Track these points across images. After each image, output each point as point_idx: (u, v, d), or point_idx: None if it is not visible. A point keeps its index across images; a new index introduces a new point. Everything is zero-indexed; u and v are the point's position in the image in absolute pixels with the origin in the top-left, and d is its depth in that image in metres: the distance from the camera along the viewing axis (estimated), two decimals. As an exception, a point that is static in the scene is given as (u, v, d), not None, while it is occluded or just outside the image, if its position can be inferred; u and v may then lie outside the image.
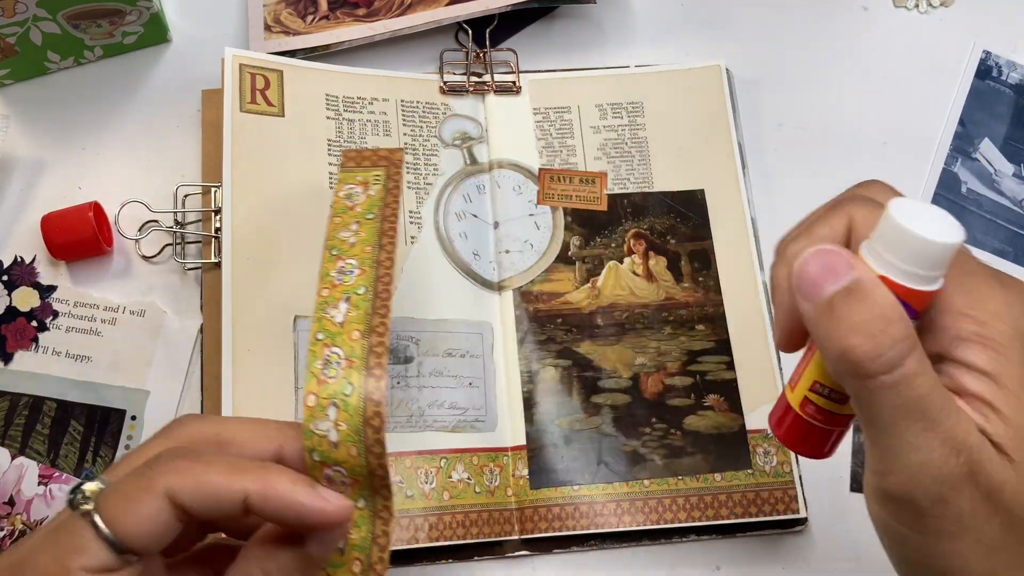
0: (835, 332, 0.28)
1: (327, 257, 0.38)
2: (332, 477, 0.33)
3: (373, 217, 0.39)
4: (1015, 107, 0.67)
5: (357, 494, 0.34)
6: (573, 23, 0.67)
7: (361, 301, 0.35)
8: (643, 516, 0.54)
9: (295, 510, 0.30)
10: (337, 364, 0.33)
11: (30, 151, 0.60)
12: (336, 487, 0.33)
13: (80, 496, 0.29)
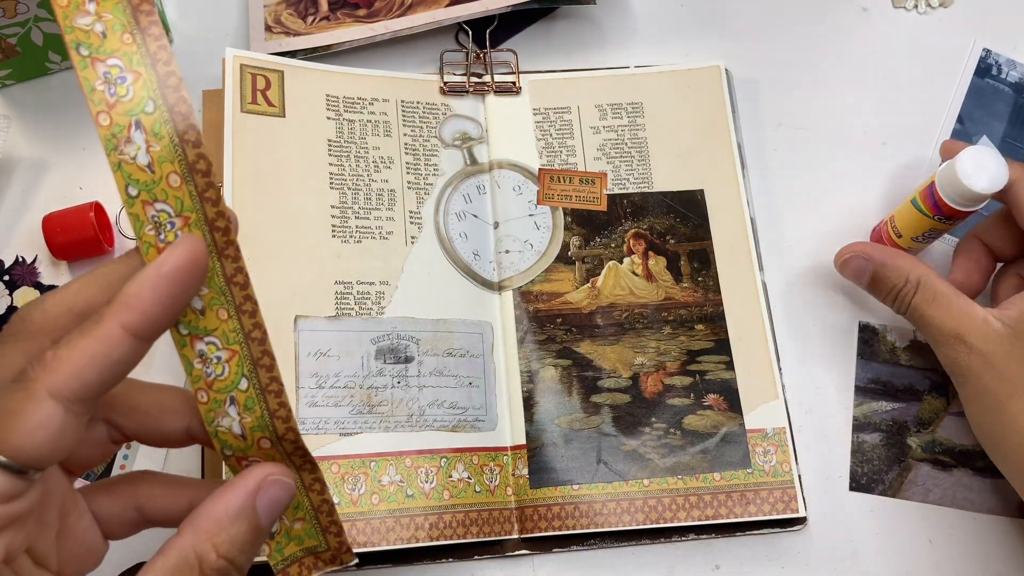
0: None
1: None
2: (159, 220, 0.29)
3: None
4: (1014, 105, 0.67)
5: (236, 371, 0.31)
6: (573, 23, 0.67)
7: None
8: (643, 515, 0.54)
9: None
10: (120, 80, 0.29)
11: (31, 151, 0.61)
12: (165, 231, 0.29)
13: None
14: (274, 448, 0.32)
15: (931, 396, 0.59)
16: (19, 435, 0.26)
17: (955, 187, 0.52)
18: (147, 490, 0.34)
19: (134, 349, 0.27)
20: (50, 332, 0.29)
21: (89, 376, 0.27)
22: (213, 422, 0.31)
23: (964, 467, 0.58)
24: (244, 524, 0.30)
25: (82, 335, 0.27)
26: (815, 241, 0.63)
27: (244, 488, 0.30)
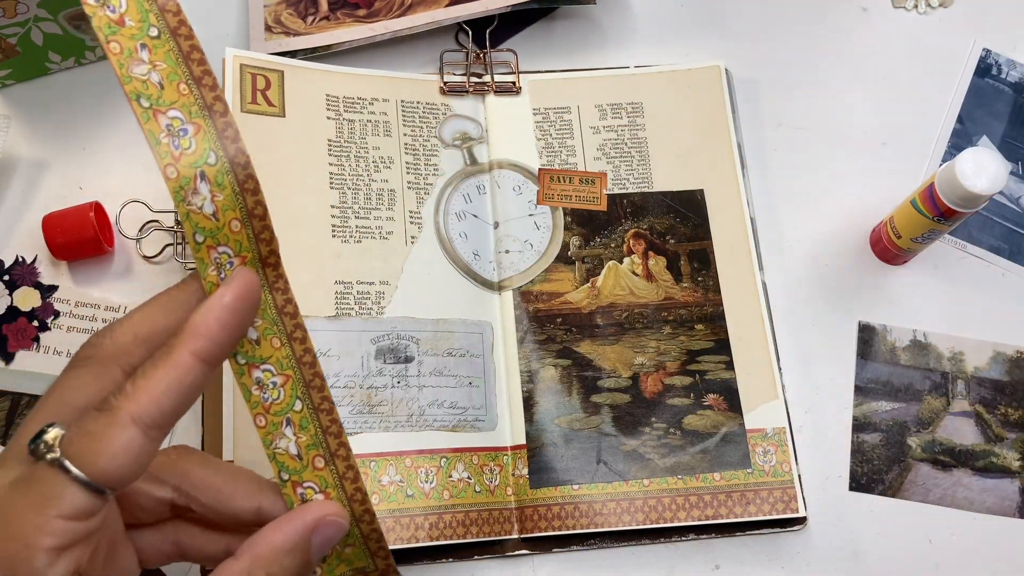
0: None
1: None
2: (220, 261, 0.31)
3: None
4: (1014, 105, 0.67)
5: (288, 387, 0.33)
6: (573, 24, 0.67)
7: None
8: (642, 515, 0.54)
9: None
10: (183, 132, 0.30)
11: (31, 151, 0.61)
12: (225, 270, 0.31)
13: (43, 446, 0.28)
14: (327, 467, 0.34)
15: (931, 396, 0.59)
16: (104, 458, 0.28)
17: (955, 188, 0.52)
18: (190, 531, 0.35)
19: (203, 374, 0.29)
20: (119, 358, 0.31)
21: (166, 403, 0.28)
22: (271, 445, 0.33)
23: (964, 467, 0.58)
24: (297, 558, 0.32)
25: (156, 365, 0.29)
26: (815, 241, 0.63)
27: (303, 523, 0.32)
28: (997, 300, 0.62)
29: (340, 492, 0.34)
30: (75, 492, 0.28)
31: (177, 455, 0.35)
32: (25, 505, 0.28)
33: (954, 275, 0.63)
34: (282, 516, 0.33)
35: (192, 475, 0.34)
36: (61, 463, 0.28)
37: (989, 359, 0.61)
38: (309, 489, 0.34)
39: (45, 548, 0.27)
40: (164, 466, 0.34)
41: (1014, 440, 0.59)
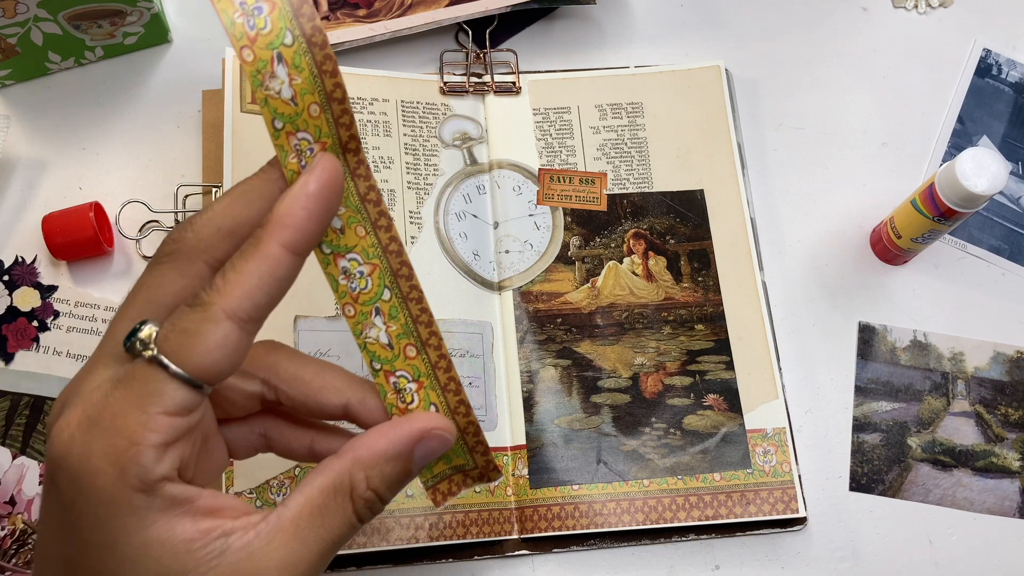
0: None
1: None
2: (300, 148, 0.30)
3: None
4: (1014, 105, 0.67)
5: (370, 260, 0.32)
6: (573, 23, 0.67)
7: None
8: (643, 516, 0.54)
9: None
10: (257, 11, 0.29)
11: (31, 151, 0.60)
12: (306, 157, 0.30)
13: (139, 343, 0.28)
14: (419, 356, 0.34)
15: (931, 396, 0.59)
16: (200, 353, 0.28)
17: (955, 188, 0.52)
18: (276, 423, 0.36)
19: (293, 265, 0.29)
20: (203, 252, 0.31)
21: (259, 296, 0.28)
22: (361, 334, 0.33)
23: (964, 467, 0.58)
24: (398, 466, 0.32)
25: (245, 259, 0.29)
26: (815, 241, 0.63)
27: (408, 433, 0.32)
28: (997, 300, 0.62)
29: (433, 381, 0.34)
30: (175, 388, 0.28)
31: (265, 349, 0.35)
32: (128, 403, 0.28)
33: (954, 275, 0.63)
34: (389, 422, 0.33)
35: (281, 369, 0.34)
36: (159, 360, 0.28)
37: (989, 359, 0.61)
38: (402, 378, 0.34)
39: (152, 444, 0.28)
40: (253, 360, 0.34)
41: (1014, 440, 0.59)
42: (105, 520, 0.28)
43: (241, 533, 0.29)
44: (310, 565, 0.30)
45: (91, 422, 0.28)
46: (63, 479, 0.28)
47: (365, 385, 0.35)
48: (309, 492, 0.31)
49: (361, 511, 0.32)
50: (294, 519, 0.30)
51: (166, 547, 0.28)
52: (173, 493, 0.28)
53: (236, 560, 0.29)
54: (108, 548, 0.28)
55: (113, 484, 0.27)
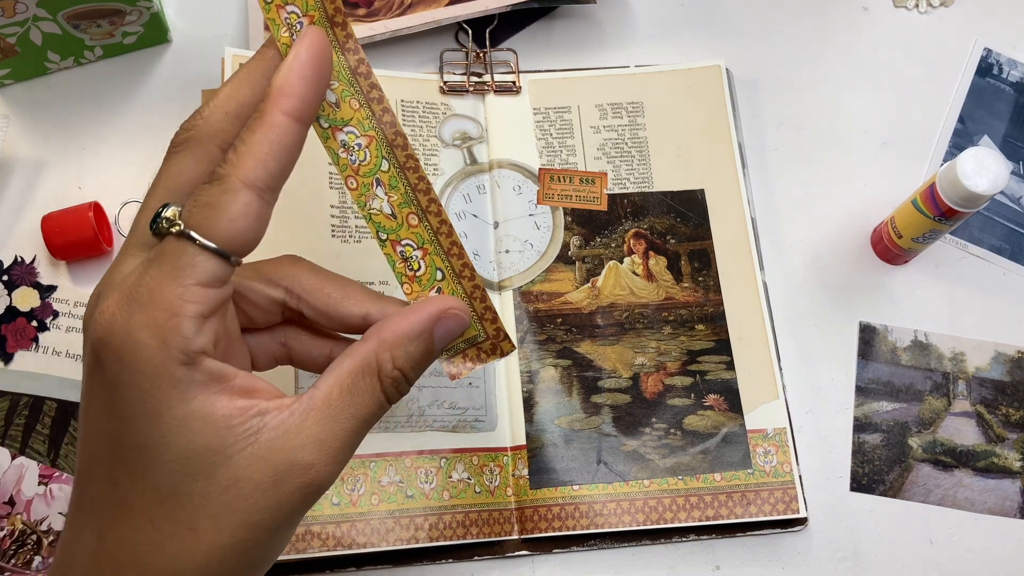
0: None
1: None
2: (290, 21, 0.32)
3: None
4: (1015, 105, 0.67)
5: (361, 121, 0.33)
6: (573, 23, 0.67)
7: None
8: (643, 516, 0.54)
9: None
10: None
11: (30, 151, 0.60)
12: (295, 31, 0.32)
13: (164, 222, 0.29)
14: (421, 224, 0.35)
15: (932, 396, 0.59)
16: (225, 223, 0.29)
17: (956, 188, 0.52)
18: (297, 334, 0.37)
19: (298, 133, 0.30)
20: (214, 137, 0.32)
21: (271, 163, 0.29)
22: (366, 206, 0.34)
23: (965, 467, 0.58)
24: (421, 346, 0.34)
25: (253, 130, 0.30)
26: (816, 241, 0.62)
27: (428, 314, 0.34)
28: (998, 300, 0.62)
29: (437, 247, 0.35)
30: (206, 259, 0.29)
31: (289, 261, 0.36)
32: (163, 277, 0.29)
33: (955, 275, 0.63)
34: (409, 306, 0.35)
35: (304, 279, 0.35)
36: (188, 234, 0.29)
37: (990, 359, 0.61)
38: (407, 247, 0.35)
39: (190, 315, 0.29)
40: (276, 269, 0.35)
41: (1015, 440, 0.59)
42: (148, 393, 0.28)
43: (276, 412, 0.30)
44: (343, 442, 0.31)
45: (129, 300, 0.29)
46: (107, 357, 0.29)
47: (385, 298, 0.36)
48: (338, 374, 0.32)
49: (388, 390, 0.33)
50: (326, 399, 0.31)
51: (206, 421, 0.29)
52: (212, 369, 0.29)
53: (272, 437, 0.30)
54: (150, 421, 0.29)
55: (155, 355, 0.28)
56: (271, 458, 0.30)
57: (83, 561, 0.30)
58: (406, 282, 0.36)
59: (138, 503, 0.29)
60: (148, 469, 0.29)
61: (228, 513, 0.30)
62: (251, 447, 0.30)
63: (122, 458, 0.29)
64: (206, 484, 0.29)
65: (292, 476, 0.30)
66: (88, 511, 0.31)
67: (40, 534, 0.52)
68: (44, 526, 0.53)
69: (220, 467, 0.29)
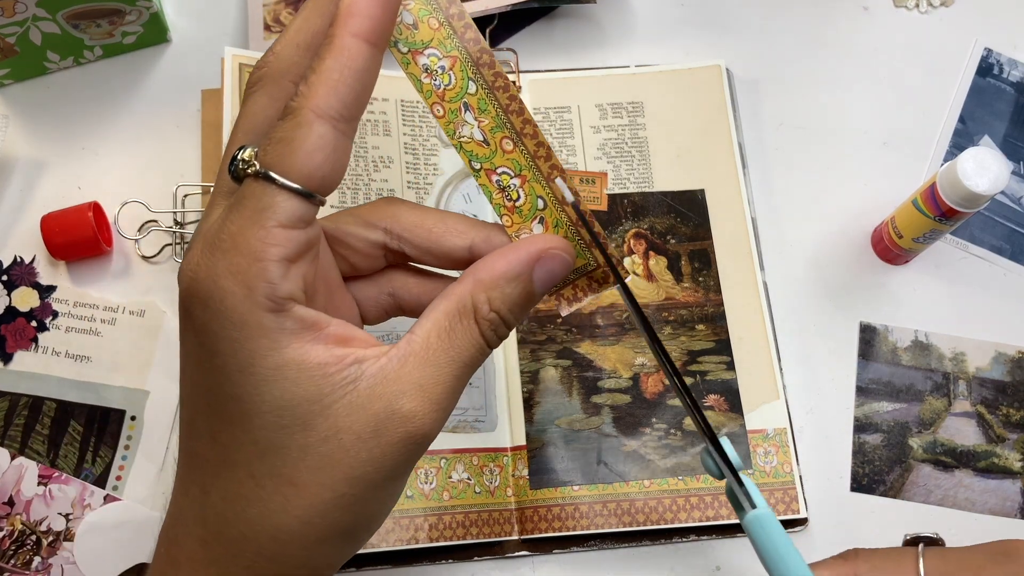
0: None
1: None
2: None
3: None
4: (1015, 105, 0.67)
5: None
6: (573, 23, 0.67)
7: None
8: (643, 516, 0.54)
9: None
10: None
11: (30, 151, 0.60)
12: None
13: (241, 164, 0.28)
14: (516, 149, 0.32)
15: (932, 396, 0.59)
16: (301, 158, 0.27)
17: (956, 188, 0.52)
18: (403, 279, 0.36)
19: (371, 55, 0.28)
20: (288, 72, 0.31)
21: (344, 90, 0.28)
22: (455, 134, 0.32)
23: (965, 468, 0.58)
24: (519, 287, 0.32)
25: (322, 57, 0.28)
26: (816, 241, 0.62)
27: (527, 254, 0.32)
28: (999, 300, 0.62)
29: (536, 173, 0.33)
30: (286, 199, 0.27)
31: (386, 202, 0.34)
32: (244, 222, 0.28)
33: (956, 275, 0.62)
34: (507, 245, 0.33)
35: (402, 217, 0.34)
36: (265, 174, 0.27)
37: (991, 359, 0.60)
38: (504, 175, 0.33)
39: (275, 259, 0.27)
40: (374, 211, 0.34)
41: (1016, 441, 0.59)
42: (239, 342, 0.28)
43: (374, 360, 0.29)
44: (445, 387, 0.30)
45: (213, 247, 0.28)
46: (195, 307, 0.28)
47: (489, 226, 0.34)
48: (435, 317, 0.31)
49: (487, 333, 0.31)
50: (423, 343, 0.30)
51: (302, 370, 0.28)
52: (303, 315, 0.28)
53: (372, 384, 0.29)
54: (244, 371, 0.28)
55: (243, 303, 0.27)
56: (371, 407, 0.29)
57: (190, 516, 0.30)
58: (505, 214, 0.33)
59: (238, 458, 0.29)
60: (245, 422, 0.28)
61: (329, 466, 0.29)
62: (349, 396, 0.29)
63: (219, 410, 0.29)
64: (304, 436, 0.28)
65: (394, 425, 0.29)
66: (193, 466, 0.30)
67: (39, 534, 0.52)
68: (43, 526, 0.53)
69: (318, 417, 0.28)
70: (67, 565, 0.52)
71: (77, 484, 0.53)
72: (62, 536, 0.52)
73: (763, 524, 0.36)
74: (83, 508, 0.53)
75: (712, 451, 0.36)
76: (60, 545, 0.52)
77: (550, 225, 0.34)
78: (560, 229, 0.34)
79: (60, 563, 0.52)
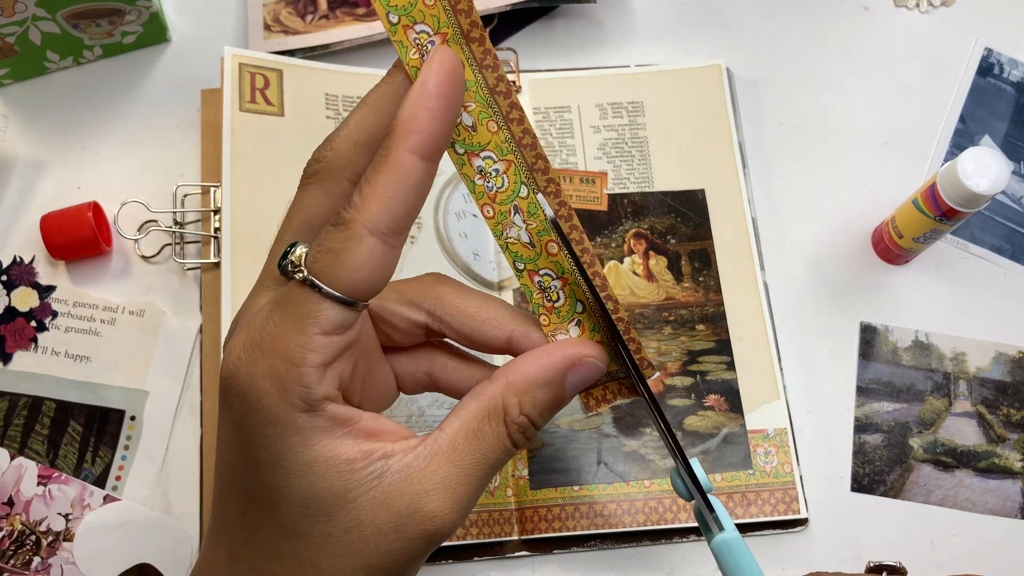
0: None
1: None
2: (420, 41, 0.30)
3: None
4: (1016, 105, 0.67)
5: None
6: (573, 23, 0.67)
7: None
8: (643, 516, 0.54)
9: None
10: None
11: (29, 151, 0.60)
12: (426, 52, 0.29)
13: (290, 265, 0.29)
14: (561, 252, 0.33)
15: (933, 396, 0.59)
16: (348, 271, 0.28)
17: (956, 188, 0.52)
18: (441, 360, 0.37)
19: (426, 171, 0.29)
20: (344, 169, 0.31)
21: (396, 207, 0.28)
22: (502, 235, 0.32)
23: (966, 468, 0.58)
24: (550, 392, 0.32)
25: (377, 171, 0.28)
26: (816, 241, 0.62)
27: (561, 359, 0.33)
28: (999, 300, 0.62)
29: (578, 277, 0.33)
30: (329, 307, 0.28)
31: (432, 281, 0.35)
32: (286, 325, 0.29)
33: (956, 275, 0.62)
34: (541, 348, 0.33)
35: (445, 300, 0.35)
36: (311, 281, 0.28)
37: (991, 359, 0.60)
38: (546, 276, 0.33)
39: (312, 365, 0.28)
40: (419, 290, 0.35)
41: (1016, 441, 0.59)
42: (272, 438, 0.29)
43: (401, 456, 0.30)
44: (468, 488, 0.31)
45: (255, 345, 0.29)
46: (234, 399, 0.29)
47: (528, 319, 0.35)
48: (464, 416, 0.32)
49: (515, 436, 0.32)
50: (451, 442, 0.31)
51: (329, 465, 0.29)
52: (336, 413, 0.29)
53: (396, 481, 0.30)
54: (275, 464, 0.29)
55: (277, 404, 0.28)
56: (393, 503, 0.30)
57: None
58: (544, 313, 0.34)
59: (264, 537, 0.30)
60: (273, 508, 0.30)
61: (348, 554, 0.30)
62: (373, 491, 0.30)
63: (250, 492, 0.30)
64: (327, 525, 0.30)
65: (414, 523, 0.30)
66: (222, 531, 0.32)
67: (39, 534, 0.52)
68: (43, 526, 0.52)
69: (341, 510, 0.29)
70: (67, 565, 0.52)
71: (77, 484, 0.53)
72: (62, 536, 0.52)
73: (731, 548, 0.36)
74: (83, 508, 0.53)
75: (682, 471, 0.35)
76: (60, 545, 0.52)
77: (587, 329, 0.34)
78: (596, 334, 0.34)
79: (60, 563, 0.52)
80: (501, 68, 0.31)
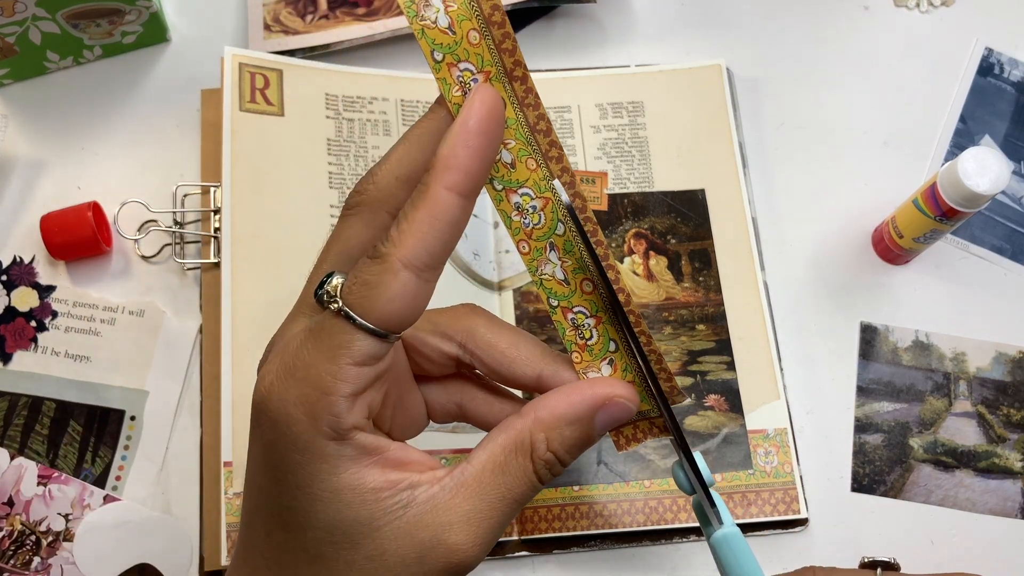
0: None
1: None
2: (463, 79, 0.30)
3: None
4: (1016, 104, 0.67)
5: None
6: (573, 22, 0.67)
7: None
8: (643, 516, 0.54)
9: None
10: None
11: (29, 151, 0.60)
12: (470, 89, 0.30)
13: (326, 296, 0.30)
14: (595, 291, 0.33)
15: (933, 396, 0.59)
16: (383, 304, 0.29)
17: (957, 187, 0.52)
18: (472, 392, 0.37)
19: (463, 208, 0.29)
20: (384, 202, 0.32)
21: (432, 243, 0.29)
22: (537, 271, 0.33)
23: (966, 468, 0.58)
24: (578, 431, 0.33)
25: (415, 207, 0.29)
26: (816, 241, 0.62)
27: (591, 398, 0.33)
28: (999, 300, 0.62)
29: (611, 316, 0.33)
30: (362, 339, 0.29)
31: (465, 313, 0.36)
32: (319, 355, 0.29)
33: (956, 275, 0.62)
34: (572, 385, 0.33)
35: (477, 334, 0.35)
36: (345, 312, 0.29)
37: (991, 359, 0.60)
38: (580, 314, 0.33)
39: (343, 395, 0.29)
40: (452, 322, 0.35)
41: (1016, 441, 0.59)
42: (300, 464, 0.29)
43: (427, 487, 0.31)
44: (492, 522, 0.31)
45: (288, 372, 0.29)
46: (265, 423, 0.30)
47: (559, 358, 0.35)
48: (492, 449, 0.32)
49: (541, 472, 0.32)
50: (477, 475, 0.31)
51: (356, 494, 0.30)
52: (364, 443, 0.30)
53: (420, 512, 0.30)
54: (302, 489, 0.30)
55: (307, 431, 0.29)
56: (417, 534, 0.30)
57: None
58: (576, 351, 0.34)
59: (288, 560, 0.31)
60: (299, 532, 0.30)
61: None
62: (398, 521, 0.30)
63: (276, 515, 0.31)
64: (351, 552, 0.30)
65: (437, 555, 0.30)
66: (248, 552, 0.32)
67: (39, 535, 0.52)
68: (43, 527, 0.52)
69: (366, 538, 0.30)
70: (67, 565, 0.52)
71: (77, 484, 0.53)
72: (62, 536, 0.52)
73: (731, 543, 0.36)
74: (83, 508, 0.53)
75: (685, 465, 0.36)
76: (60, 545, 0.52)
77: (619, 368, 0.34)
78: (628, 374, 0.34)
79: (60, 563, 0.52)
80: (542, 107, 0.31)
